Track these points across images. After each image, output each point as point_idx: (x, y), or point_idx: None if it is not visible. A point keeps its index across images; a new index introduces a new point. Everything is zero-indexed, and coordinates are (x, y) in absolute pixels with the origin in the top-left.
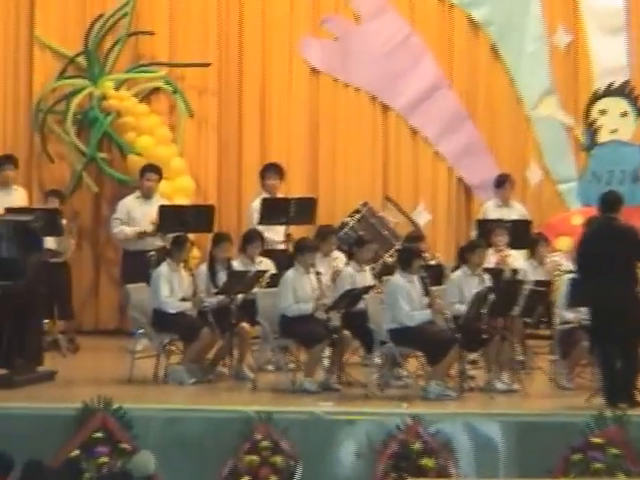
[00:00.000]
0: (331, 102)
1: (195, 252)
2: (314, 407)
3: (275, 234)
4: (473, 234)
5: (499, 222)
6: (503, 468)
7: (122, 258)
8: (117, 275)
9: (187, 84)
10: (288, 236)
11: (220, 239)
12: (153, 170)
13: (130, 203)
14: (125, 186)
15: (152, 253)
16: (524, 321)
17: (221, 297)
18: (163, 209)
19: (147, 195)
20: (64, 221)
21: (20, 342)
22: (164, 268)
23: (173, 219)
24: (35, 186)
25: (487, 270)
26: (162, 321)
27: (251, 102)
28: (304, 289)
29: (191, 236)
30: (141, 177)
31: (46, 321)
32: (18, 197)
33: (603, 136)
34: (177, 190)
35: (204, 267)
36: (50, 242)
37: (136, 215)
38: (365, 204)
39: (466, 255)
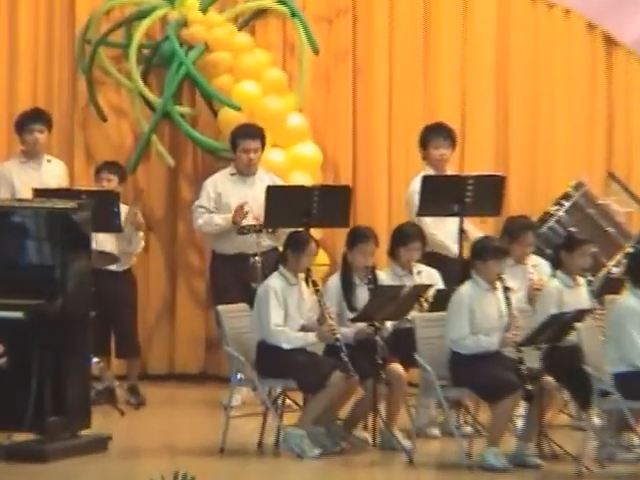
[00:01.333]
0: (527, 29)
1: (322, 257)
2: None
3: (443, 230)
4: None
5: None
6: None
7: (210, 265)
8: (202, 291)
9: (311, 7)
10: (462, 233)
11: (360, 238)
12: (255, 134)
13: (222, 183)
14: (216, 157)
15: (257, 258)
16: None
17: (361, 325)
18: (273, 192)
19: (247, 171)
20: (124, 209)
21: (55, 392)
22: (275, 281)
23: (288, 207)
24: (79, 157)
25: None
26: (272, 361)
27: (405, 32)
28: (486, 313)
29: (316, 233)
30: (236, 144)
31: (96, 360)
32: (52, 173)
33: None
34: (295, 163)
35: (336, 280)
36: (104, 241)
37: (231, 200)
38: (579, 186)
39: None
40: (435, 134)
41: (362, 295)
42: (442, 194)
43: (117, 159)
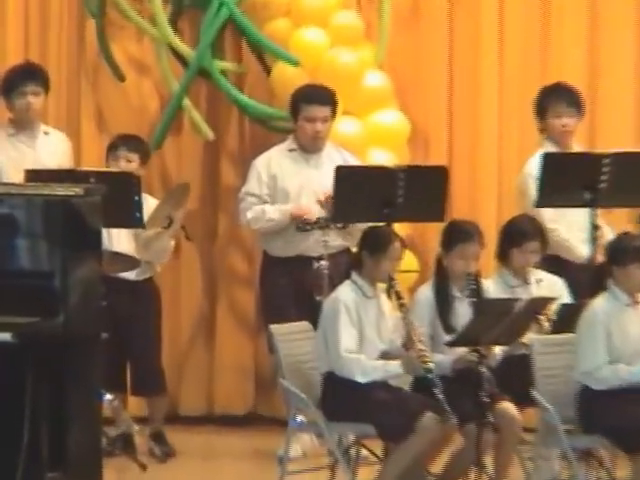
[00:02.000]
0: None
1: (409, 261)
2: None
3: (568, 227)
4: None
5: None
6: None
7: (261, 273)
8: (250, 306)
9: None
10: (595, 230)
11: (460, 236)
12: (323, 98)
13: (277, 162)
14: (269, 128)
15: (322, 263)
16: None
17: (461, 351)
18: (344, 174)
19: (312, 146)
20: (148, 200)
21: (54, 439)
22: (347, 293)
23: (364, 195)
24: (87, 127)
25: None
26: (342, 399)
27: None
28: (628, 335)
29: (401, 229)
30: (297, 111)
31: (108, 397)
32: (51, 148)
33: None
34: (373, 136)
35: (427, 292)
36: (119, 240)
37: (288, 185)
38: None
39: None
40: (556, 98)
41: (462, 311)
42: (568, 177)
43: (137, 131)
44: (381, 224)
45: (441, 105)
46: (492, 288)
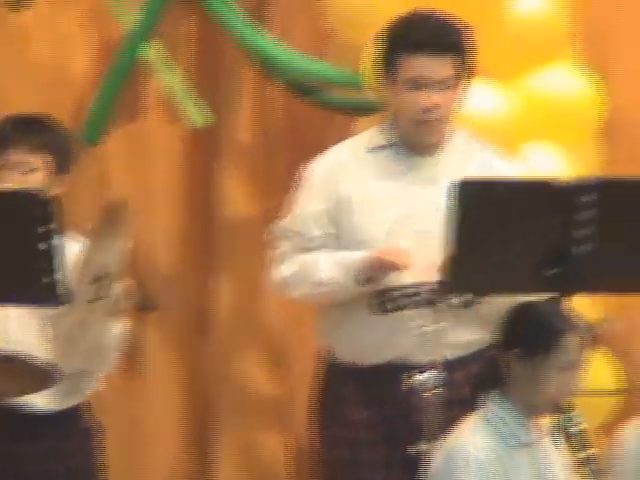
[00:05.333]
0: None
1: (610, 371)
2: None
3: None
4: None
5: None
6: None
7: (322, 392)
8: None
9: None
10: None
11: None
12: (440, 40)
13: (350, 173)
14: (323, 104)
15: (422, 377)
16: None
17: None
18: (472, 194)
19: (419, 138)
20: (73, 246)
21: None
22: (479, 439)
23: (511, 238)
24: None
25: None
26: None
27: None
28: None
29: (589, 308)
30: (392, 67)
31: None
32: None
33: None
34: (538, 118)
35: None
36: (20, 330)
37: (377, 219)
38: None
39: None
40: None
41: None
42: None
43: (50, 111)
44: (546, 297)
45: None
46: None
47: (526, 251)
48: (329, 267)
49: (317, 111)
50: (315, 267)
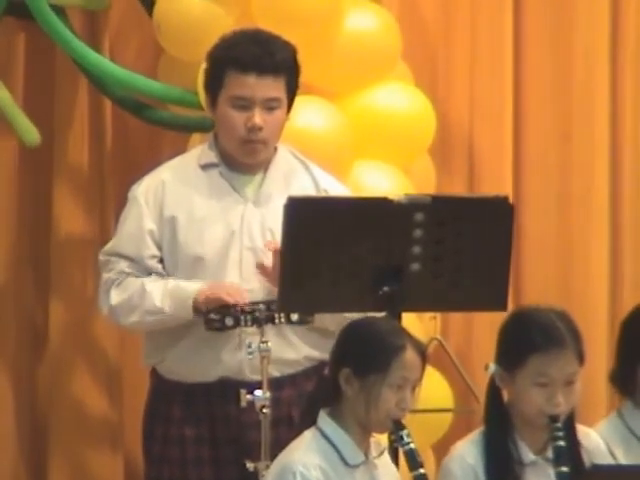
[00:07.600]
0: None
1: (438, 390)
2: None
3: None
4: None
5: None
6: None
7: (147, 409)
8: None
9: None
10: None
11: (537, 339)
12: (267, 59)
13: (179, 193)
14: (151, 121)
15: (257, 395)
16: None
17: None
18: (300, 212)
19: (245, 157)
20: None
21: None
22: (311, 457)
23: (343, 256)
24: None
25: None
26: None
27: None
28: None
29: (418, 326)
30: (218, 84)
31: None
32: None
33: None
34: (367, 134)
35: (470, 452)
36: None
37: (204, 239)
38: None
39: None
40: None
41: None
42: None
43: None
44: (379, 315)
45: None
46: (604, 444)
47: (358, 269)
48: (160, 297)
49: (151, 129)
50: (144, 296)
